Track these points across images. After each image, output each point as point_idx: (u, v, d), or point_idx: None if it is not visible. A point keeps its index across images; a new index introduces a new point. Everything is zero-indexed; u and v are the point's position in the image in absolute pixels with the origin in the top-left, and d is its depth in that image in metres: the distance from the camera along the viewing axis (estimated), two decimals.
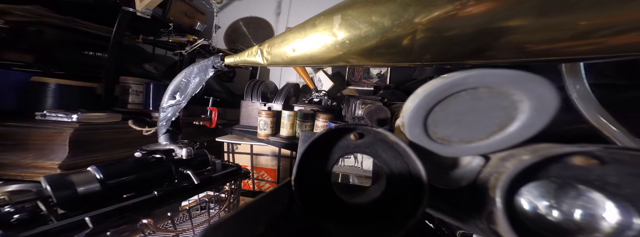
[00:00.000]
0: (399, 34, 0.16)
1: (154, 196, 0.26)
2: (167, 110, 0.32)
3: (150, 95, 0.65)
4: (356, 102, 0.48)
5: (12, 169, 0.37)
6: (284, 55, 0.23)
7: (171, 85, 0.32)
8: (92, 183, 0.22)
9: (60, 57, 0.75)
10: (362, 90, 1.09)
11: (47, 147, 0.39)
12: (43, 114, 0.41)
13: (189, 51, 0.81)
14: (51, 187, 0.20)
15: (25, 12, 0.72)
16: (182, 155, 0.29)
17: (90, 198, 0.22)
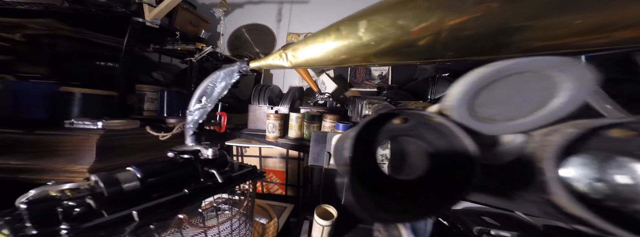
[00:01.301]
0: (423, 35, 0.18)
1: (185, 194, 0.28)
2: (195, 113, 0.34)
3: (164, 102, 0.68)
4: (362, 102, 0.50)
5: (46, 173, 0.40)
6: (308, 58, 0.26)
7: (198, 89, 0.35)
8: (133, 181, 0.25)
9: (72, 68, 0.79)
10: (364, 92, 1.12)
11: (76, 153, 0.42)
12: (71, 122, 0.44)
13: (198, 58, 0.84)
14: (104, 184, 0.22)
15: (40, 25, 0.76)
16: (208, 155, 0.31)
17: (132, 195, 0.24)
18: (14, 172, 0.40)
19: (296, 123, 0.69)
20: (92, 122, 0.44)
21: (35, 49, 0.72)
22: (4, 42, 0.66)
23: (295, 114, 0.69)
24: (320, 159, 0.36)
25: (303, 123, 0.69)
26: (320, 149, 0.36)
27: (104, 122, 0.45)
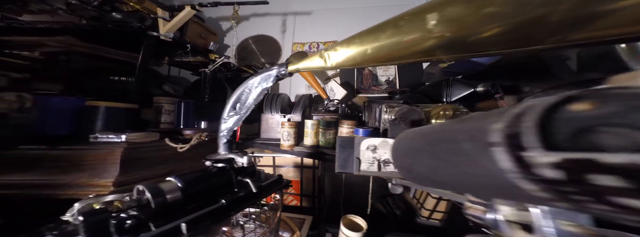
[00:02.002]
0: (527, 18, 0.15)
1: (223, 205, 0.28)
2: (229, 121, 0.34)
3: (181, 114, 0.68)
4: (380, 106, 0.51)
5: (70, 188, 0.39)
6: (354, 57, 0.25)
7: (233, 96, 0.35)
8: (175, 192, 0.24)
9: (87, 83, 0.80)
10: (373, 97, 1.14)
11: (100, 167, 0.41)
12: (95, 136, 0.43)
13: (212, 69, 0.86)
14: (152, 194, 0.22)
15: (58, 42, 0.79)
16: (243, 163, 0.31)
17: (174, 206, 0.24)
18: (36, 188, 0.39)
19: (312, 130, 0.68)
20: (116, 135, 0.44)
21: (51, 66, 0.74)
22: (23, 60, 0.68)
23: (310, 121, 0.69)
24: (349, 165, 0.35)
25: (318, 130, 0.69)
26: (347, 154, 0.35)
27: (127, 135, 0.45)
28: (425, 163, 0.18)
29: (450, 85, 0.54)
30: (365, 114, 0.65)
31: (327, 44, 1.56)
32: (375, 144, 0.31)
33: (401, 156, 0.23)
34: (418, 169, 0.19)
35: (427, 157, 0.18)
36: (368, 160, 0.31)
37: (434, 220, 0.50)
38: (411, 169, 0.20)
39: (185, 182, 0.25)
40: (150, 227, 0.21)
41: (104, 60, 0.87)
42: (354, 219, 0.47)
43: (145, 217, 0.21)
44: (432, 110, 0.35)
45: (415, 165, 0.19)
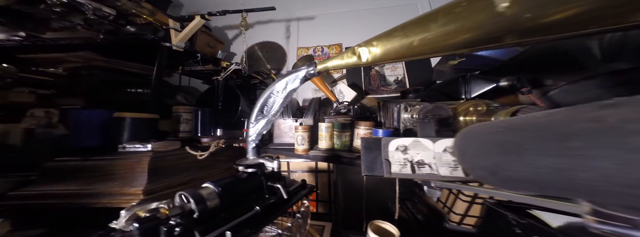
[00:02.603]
0: None
1: (257, 212, 0.27)
2: (257, 125, 0.34)
3: (198, 122, 0.69)
4: (398, 105, 0.50)
5: (103, 197, 0.40)
6: (397, 51, 0.24)
7: (260, 99, 0.34)
8: (214, 198, 0.24)
9: (106, 96, 0.83)
10: (382, 98, 1.13)
11: (129, 175, 0.42)
12: (123, 146, 0.45)
13: (224, 76, 0.88)
14: (195, 201, 0.22)
15: (79, 58, 0.82)
16: (273, 168, 0.31)
17: (213, 212, 0.24)
18: (74, 197, 0.40)
19: (326, 133, 0.68)
20: (143, 145, 0.45)
21: (74, 81, 0.77)
22: (49, 77, 0.72)
23: (324, 124, 0.69)
24: (377, 167, 0.34)
25: (333, 133, 0.69)
26: (373, 157, 0.34)
27: (152, 144, 0.46)
28: (525, 163, 0.14)
29: (468, 81, 0.53)
30: (381, 115, 0.65)
31: (331, 47, 1.58)
32: (406, 144, 0.30)
33: (476, 156, 0.19)
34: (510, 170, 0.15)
35: (529, 155, 0.14)
36: (399, 162, 0.30)
37: (467, 225, 0.46)
38: (496, 171, 0.16)
39: (222, 187, 0.25)
40: (195, 235, 0.21)
41: (120, 73, 0.90)
42: (382, 225, 0.44)
43: (191, 224, 0.21)
44: (459, 106, 0.34)
45: (506, 165, 0.15)
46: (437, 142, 0.29)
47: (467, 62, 0.75)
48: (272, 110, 0.34)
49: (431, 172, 0.29)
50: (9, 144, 0.75)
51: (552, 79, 0.46)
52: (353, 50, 0.28)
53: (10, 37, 0.71)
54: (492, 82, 0.49)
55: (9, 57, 0.72)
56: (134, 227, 0.18)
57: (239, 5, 1.07)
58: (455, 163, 0.27)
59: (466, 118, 0.31)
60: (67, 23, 0.76)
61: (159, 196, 0.43)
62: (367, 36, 0.67)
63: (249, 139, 0.35)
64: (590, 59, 0.39)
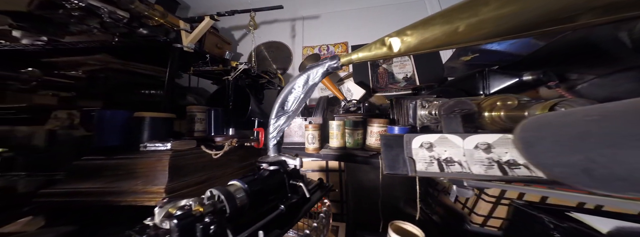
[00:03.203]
0: None
1: (283, 211, 0.27)
2: (278, 121, 0.33)
3: (211, 122, 0.71)
4: (414, 102, 0.49)
5: (128, 195, 0.41)
6: (437, 38, 0.22)
7: (281, 94, 0.33)
8: (242, 195, 0.25)
9: (121, 98, 0.86)
10: (391, 96, 1.12)
11: (151, 174, 0.44)
12: (144, 145, 0.46)
13: (234, 76, 0.89)
14: (227, 199, 0.22)
15: (96, 60, 0.85)
16: (296, 165, 0.31)
17: (242, 210, 0.24)
18: (98, 195, 0.41)
19: (338, 131, 0.68)
20: (162, 143, 0.46)
21: (92, 83, 0.80)
22: (69, 80, 0.75)
23: (336, 122, 0.68)
24: (399, 165, 0.32)
25: (345, 131, 0.68)
26: (395, 154, 0.33)
27: (171, 143, 0.47)
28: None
29: (487, 76, 0.51)
30: (394, 112, 0.64)
31: (337, 46, 1.56)
32: (431, 141, 0.29)
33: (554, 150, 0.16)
34: (612, 167, 0.12)
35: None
36: (424, 159, 0.29)
37: (491, 228, 0.43)
38: (591, 168, 0.13)
39: (249, 185, 0.25)
40: (227, 234, 0.21)
41: (133, 75, 0.93)
42: (403, 225, 0.42)
43: (223, 222, 0.21)
44: (483, 102, 0.32)
45: (607, 161, 0.13)
46: (467, 139, 0.27)
47: (481, 57, 0.73)
48: (294, 106, 0.33)
49: (462, 171, 0.27)
50: (33, 145, 0.79)
51: (578, 73, 0.44)
52: (382, 41, 0.27)
53: (33, 41, 0.74)
54: (513, 77, 0.47)
55: (33, 61, 0.75)
56: (173, 224, 0.18)
57: (246, 5, 1.07)
58: (489, 161, 0.25)
59: (492, 113, 0.30)
60: (85, 27, 0.79)
61: (179, 194, 0.44)
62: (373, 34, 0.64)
63: (270, 135, 0.34)
64: (623, 50, 0.37)
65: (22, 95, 0.71)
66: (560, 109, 0.22)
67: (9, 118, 0.69)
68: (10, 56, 0.73)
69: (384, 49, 0.27)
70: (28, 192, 0.80)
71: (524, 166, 0.25)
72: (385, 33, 0.31)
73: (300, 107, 0.33)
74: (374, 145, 0.61)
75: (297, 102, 0.33)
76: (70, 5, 0.63)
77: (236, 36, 1.78)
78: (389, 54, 0.27)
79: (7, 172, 0.65)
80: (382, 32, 0.26)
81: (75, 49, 0.81)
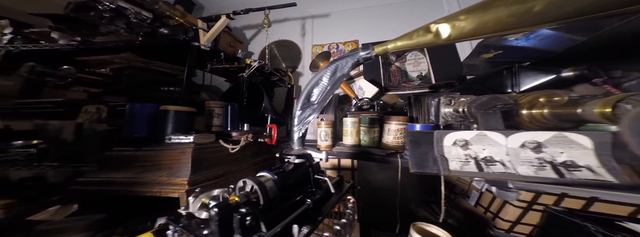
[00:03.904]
0: None
1: (309, 205, 0.27)
2: (303, 113, 0.32)
3: (228, 117, 0.72)
4: (436, 99, 0.47)
5: (153, 186, 0.43)
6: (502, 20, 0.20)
7: (307, 86, 0.32)
8: (273, 187, 0.24)
9: (144, 94, 0.90)
10: (405, 95, 1.09)
11: (175, 166, 0.45)
12: (169, 138, 0.48)
13: (248, 73, 0.91)
14: (261, 190, 0.22)
15: (122, 59, 0.89)
16: (321, 159, 0.30)
17: (273, 202, 0.24)
18: (128, 185, 0.43)
19: (353, 129, 0.67)
20: (186, 136, 0.48)
21: (118, 80, 0.85)
22: (98, 77, 0.80)
23: (350, 119, 0.67)
24: (428, 164, 0.30)
25: (360, 128, 0.67)
26: (423, 152, 0.31)
27: (194, 136, 0.48)
28: None
29: (516, 73, 0.48)
30: (413, 110, 0.62)
31: (346, 44, 1.55)
32: (466, 138, 0.27)
33: None
34: None
35: None
36: (458, 158, 0.27)
37: (519, 234, 0.40)
38: None
39: (279, 177, 0.25)
40: (261, 227, 0.20)
41: (154, 72, 0.97)
42: (427, 227, 0.39)
43: (257, 215, 0.21)
44: (521, 98, 0.30)
45: None
46: (511, 136, 0.24)
47: (504, 55, 0.69)
48: (320, 98, 0.32)
49: (506, 171, 0.24)
50: (62, 139, 0.84)
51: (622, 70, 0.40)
52: (427, 28, 0.25)
53: (69, 42, 0.79)
54: (549, 73, 0.43)
55: (67, 60, 0.81)
56: (214, 212, 0.18)
57: (260, 3, 1.09)
58: (540, 161, 0.22)
59: (533, 111, 0.27)
60: (113, 27, 0.84)
61: (200, 187, 0.45)
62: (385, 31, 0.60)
63: (294, 128, 0.33)
64: None
65: (58, 91, 0.76)
66: (625, 106, 0.19)
67: (46, 112, 0.74)
68: (49, 55, 0.79)
69: (428, 37, 0.25)
70: (57, 183, 0.86)
71: (586, 168, 0.22)
72: (397, 30, 0.29)
73: (327, 99, 0.32)
74: (392, 143, 0.59)
75: (324, 94, 0.31)
76: (103, 6, 0.67)
77: (247, 35, 1.81)
78: (435, 42, 0.25)
79: (42, 162, 0.70)
80: (395, 30, 0.25)
81: (104, 48, 0.85)
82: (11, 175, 0.79)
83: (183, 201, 0.40)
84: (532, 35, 0.58)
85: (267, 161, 0.86)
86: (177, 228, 0.21)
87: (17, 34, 0.82)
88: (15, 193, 0.71)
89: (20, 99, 0.74)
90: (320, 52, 1.55)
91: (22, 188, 0.75)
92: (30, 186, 0.83)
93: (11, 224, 0.50)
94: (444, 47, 1.09)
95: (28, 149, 0.72)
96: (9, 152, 0.67)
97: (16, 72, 0.68)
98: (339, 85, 0.31)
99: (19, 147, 0.70)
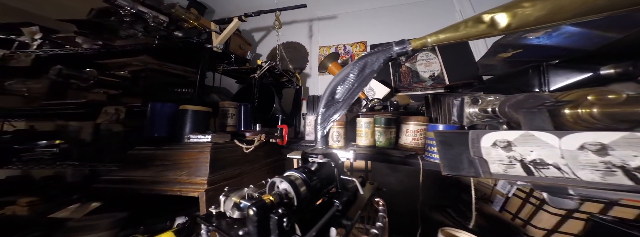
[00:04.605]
0: None
1: (338, 207, 0.26)
2: (327, 111, 0.30)
3: (241, 117, 0.73)
4: (459, 99, 0.45)
5: (174, 185, 0.43)
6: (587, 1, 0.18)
7: (332, 83, 0.30)
8: (303, 187, 0.23)
9: (159, 95, 0.92)
10: (416, 95, 1.07)
11: (194, 165, 0.45)
12: (188, 137, 0.48)
13: (260, 74, 0.92)
14: (294, 190, 0.21)
15: (139, 61, 0.92)
16: (348, 158, 0.29)
17: (304, 202, 0.23)
18: (149, 184, 0.44)
19: (368, 129, 0.65)
20: (204, 135, 0.48)
21: (135, 82, 0.88)
22: (117, 79, 0.83)
23: (365, 120, 0.66)
24: (463, 166, 0.27)
25: (375, 129, 0.66)
26: (456, 153, 0.28)
27: (211, 135, 0.48)
28: None
29: (545, 71, 0.46)
30: (431, 110, 0.60)
31: (354, 45, 1.55)
32: (509, 139, 0.24)
33: None
34: None
35: None
36: (500, 160, 0.24)
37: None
38: None
39: (307, 176, 0.24)
40: (296, 229, 0.19)
41: (167, 74, 0.99)
42: (457, 233, 0.37)
43: (292, 216, 0.20)
44: (562, 96, 0.27)
45: None
46: (565, 137, 0.21)
47: (524, 54, 0.66)
48: (346, 95, 0.30)
49: (564, 176, 0.21)
50: (80, 139, 0.87)
51: None
52: (477, 18, 0.23)
53: (91, 46, 0.83)
54: (584, 71, 0.41)
55: (89, 63, 0.84)
56: (253, 212, 0.17)
57: (271, 5, 1.11)
58: (606, 165, 0.19)
59: (579, 110, 0.25)
60: (132, 31, 0.87)
61: (218, 186, 0.45)
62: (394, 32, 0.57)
63: (318, 127, 0.32)
64: None
65: (80, 92, 0.79)
66: None
67: (69, 113, 0.77)
68: (72, 59, 0.83)
69: (480, 28, 0.23)
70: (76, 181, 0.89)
71: None
72: (406, 31, 0.27)
73: (354, 97, 0.30)
74: (410, 144, 0.58)
75: (351, 92, 0.30)
76: (124, 11, 0.70)
77: (256, 38, 1.84)
78: (489, 33, 0.23)
79: (64, 161, 0.72)
80: (404, 31, 0.23)
81: (122, 51, 0.89)
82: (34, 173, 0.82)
83: (202, 200, 0.40)
84: (555, 33, 0.55)
85: (277, 162, 0.86)
86: (210, 228, 0.20)
87: (46, 40, 0.86)
88: (37, 191, 0.74)
89: (47, 100, 0.77)
90: (327, 53, 1.55)
91: (44, 186, 0.78)
92: (51, 184, 0.86)
93: (34, 221, 0.52)
94: (457, 47, 1.07)
95: (51, 148, 0.75)
96: (34, 151, 0.69)
97: (45, 75, 0.72)
98: (367, 82, 0.29)
99: (43, 146, 0.73)
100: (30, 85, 0.80)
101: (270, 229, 0.18)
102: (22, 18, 0.96)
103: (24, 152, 0.66)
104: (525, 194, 0.46)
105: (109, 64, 0.89)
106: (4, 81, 0.82)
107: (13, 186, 0.80)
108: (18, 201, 0.63)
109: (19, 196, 0.65)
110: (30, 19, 0.95)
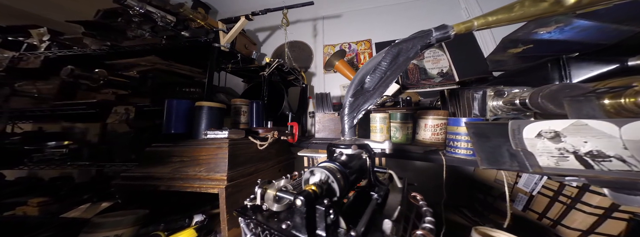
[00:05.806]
0: None
1: (377, 200, 0.24)
2: (355, 100, 0.28)
3: (253, 115, 0.72)
4: (480, 92, 0.44)
5: (193, 181, 0.42)
6: None
7: (361, 70, 0.28)
8: (342, 178, 0.22)
9: (167, 95, 0.92)
10: (425, 92, 1.06)
11: (213, 162, 0.45)
12: (205, 133, 0.48)
13: (269, 72, 0.91)
14: (337, 181, 0.20)
15: (147, 61, 0.92)
16: (384, 149, 0.28)
17: (342, 194, 0.22)
18: (168, 180, 0.43)
19: (383, 125, 0.64)
20: (221, 131, 0.47)
21: (143, 82, 0.87)
22: (126, 79, 0.82)
23: (380, 115, 0.65)
24: (503, 159, 0.25)
25: (390, 125, 0.65)
26: (495, 145, 0.26)
27: (228, 131, 0.48)
28: None
29: (566, 65, 0.45)
30: (449, 105, 0.59)
31: (359, 44, 1.55)
32: (556, 129, 0.21)
33: None
34: None
35: None
36: (549, 152, 0.22)
37: None
38: None
39: (342, 165, 0.23)
40: (340, 223, 0.18)
41: (174, 74, 0.99)
42: (492, 233, 0.34)
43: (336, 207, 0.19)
44: (599, 85, 0.26)
45: None
46: (626, 126, 0.19)
47: (535, 49, 0.65)
48: (379, 83, 0.27)
49: (632, 169, 0.18)
50: (87, 140, 0.87)
51: None
52: None
53: (100, 46, 0.83)
54: (610, 63, 0.40)
55: (96, 63, 0.84)
56: (301, 202, 0.16)
57: (276, 4, 1.11)
58: None
59: (621, 100, 0.21)
60: (139, 31, 0.87)
61: (237, 183, 0.44)
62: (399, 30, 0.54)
63: (345, 117, 0.29)
64: None
65: (89, 93, 0.79)
66: None
67: (79, 113, 0.77)
68: (80, 60, 0.83)
69: (542, 6, 0.20)
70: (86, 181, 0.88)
71: None
72: (412, 29, 0.25)
73: (387, 85, 0.28)
74: (430, 140, 0.56)
75: (383, 81, 0.27)
76: (133, 11, 0.69)
77: (260, 38, 1.85)
78: (553, 11, 0.20)
79: (75, 161, 0.72)
80: (410, 28, 0.22)
81: (130, 52, 0.88)
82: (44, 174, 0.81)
83: (222, 196, 0.39)
84: (567, 28, 0.54)
85: (288, 161, 0.85)
86: (249, 221, 0.19)
87: (54, 41, 0.86)
88: (48, 191, 0.73)
89: (56, 101, 0.77)
90: (332, 51, 1.55)
91: (54, 187, 0.77)
92: (60, 185, 0.85)
93: (44, 222, 0.51)
94: (464, 44, 1.06)
95: (60, 149, 0.74)
96: (44, 152, 0.69)
97: (57, 75, 0.72)
98: (402, 69, 0.27)
99: (52, 147, 0.72)
100: (40, 86, 0.80)
101: (316, 221, 0.17)
102: (30, 20, 0.97)
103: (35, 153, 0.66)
104: (552, 192, 0.43)
105: (117, 64, 0.89)
106: (15, 83, 0.82)
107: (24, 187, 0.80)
108: (29, 201, 0.63)
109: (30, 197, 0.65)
110: (38, 21, 0.95)
